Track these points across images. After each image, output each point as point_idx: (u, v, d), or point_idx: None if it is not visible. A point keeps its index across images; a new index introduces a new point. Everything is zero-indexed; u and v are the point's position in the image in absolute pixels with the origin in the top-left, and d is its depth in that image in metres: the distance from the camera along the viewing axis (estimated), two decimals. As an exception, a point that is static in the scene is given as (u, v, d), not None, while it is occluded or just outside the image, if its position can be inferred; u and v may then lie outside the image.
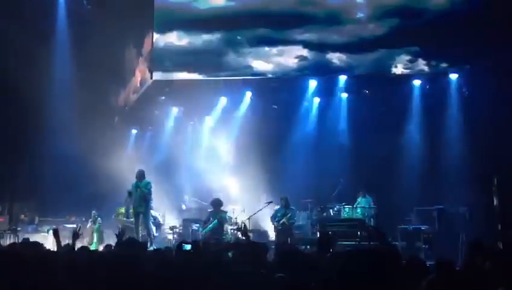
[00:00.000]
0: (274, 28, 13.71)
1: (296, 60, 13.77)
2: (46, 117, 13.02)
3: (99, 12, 13.91)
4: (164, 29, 14.26)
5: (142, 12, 14.34)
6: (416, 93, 13.74)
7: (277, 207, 11.95)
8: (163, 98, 15.42)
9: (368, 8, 13.36)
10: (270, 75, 14.20)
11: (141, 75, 15.34)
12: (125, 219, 13.21)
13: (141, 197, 11.76)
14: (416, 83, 13.72)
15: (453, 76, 13.39)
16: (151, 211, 12.29)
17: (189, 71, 14.29)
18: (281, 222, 11.56)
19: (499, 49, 11.83)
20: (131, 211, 13.17)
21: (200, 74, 14.29)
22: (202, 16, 13.91)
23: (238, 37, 13.95)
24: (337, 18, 13.42)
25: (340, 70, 13.72)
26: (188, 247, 7.14)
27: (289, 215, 11.61)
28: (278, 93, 14.71)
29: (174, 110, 15.95)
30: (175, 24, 14.17)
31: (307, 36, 13.57)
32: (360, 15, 13.40)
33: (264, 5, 13.64)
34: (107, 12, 13.79)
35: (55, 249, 6.53)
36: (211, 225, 11.65)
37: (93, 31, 13.83)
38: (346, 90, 14.27)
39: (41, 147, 12.97)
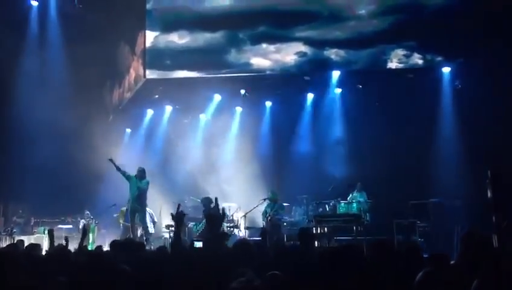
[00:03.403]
0: (277, 26, 13.72)
1: (295, 57, 13.77)
2: (39, 117, 12.94)
3: (91, 11, 13.85)
4: (167, 29, 14.17)
5: (134, 11, 14.28)
6: (410, 87, 13.74)
7: (266, 203, 11.89)
8: (157, 96, 15.37)
9: (369, 5, 13.43)
10: (268, 72, 14.19)
11: (135, 73, 15.29)
12: (124, 222, 13.21)
13: (139, 195, 11.83)
14: (410, 76, 13.71)
15: (446, 69, 13.42)
16: (147, 208, 12.33)
17: (188, 69, 14.27)
18: (269, 218, 11.50)
19: (492, 41, 11.87)
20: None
21: (199, 72, 14.27)
22: (206, 15, 13.88)
23: (240, 35, 13.95)
24: (339, 15, 13.46)
25: (338, 66, 13.72)
26: (199, 244, 7.21)
27: (275, 209, 11.54)
28: (273, 89, 14.70)
29: (168, 109, 15.92)
30: (179, 23, 14.11)
31: (309, 33, 13.59)
32: (361, 11, 13.45)
33: (269, 3, 13.61)
34: (98, 11, 13.74)
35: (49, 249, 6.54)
36: (199, 227, 11.90)
37: (85, 30, 13.77)
38: (340, 85, 14.29)
39: (34, 148, 12.90)
